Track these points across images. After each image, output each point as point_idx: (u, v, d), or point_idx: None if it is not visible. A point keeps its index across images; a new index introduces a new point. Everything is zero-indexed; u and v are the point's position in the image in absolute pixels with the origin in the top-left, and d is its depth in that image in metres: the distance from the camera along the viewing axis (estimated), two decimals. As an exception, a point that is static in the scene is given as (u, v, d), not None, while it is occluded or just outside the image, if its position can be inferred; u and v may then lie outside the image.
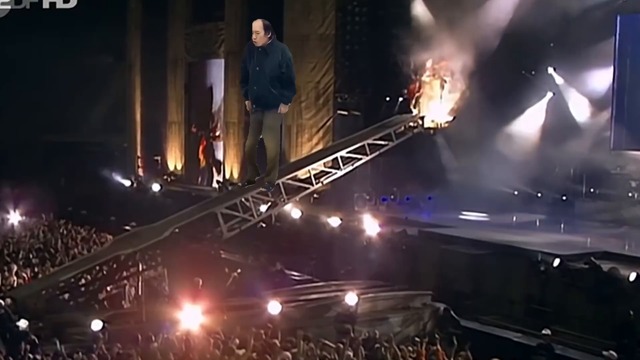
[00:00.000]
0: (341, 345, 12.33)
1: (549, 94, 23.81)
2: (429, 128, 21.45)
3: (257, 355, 11.85)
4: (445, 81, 21.79)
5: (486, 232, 19.34)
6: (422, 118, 21.20)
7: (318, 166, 18.95)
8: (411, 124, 21.00)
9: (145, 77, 31.28)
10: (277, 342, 12.50)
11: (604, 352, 12.85)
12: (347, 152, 19.10)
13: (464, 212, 22.29)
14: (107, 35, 31.69)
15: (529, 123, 23.71)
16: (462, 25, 21.60)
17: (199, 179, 29.58)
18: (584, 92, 22.78)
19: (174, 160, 30.16)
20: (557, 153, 22.58)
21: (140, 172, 31.07)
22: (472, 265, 17.66)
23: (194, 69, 30.23)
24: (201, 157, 29.87)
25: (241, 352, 12.06)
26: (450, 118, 21.54)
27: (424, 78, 21.89)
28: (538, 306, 16.22)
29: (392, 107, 23.28)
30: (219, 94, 29.28)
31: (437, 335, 12.94)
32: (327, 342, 12.64)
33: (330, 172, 19.07)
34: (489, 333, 15.24)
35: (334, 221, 20.31)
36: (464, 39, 21.52)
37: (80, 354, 12.06)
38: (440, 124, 21.44)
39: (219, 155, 28.93)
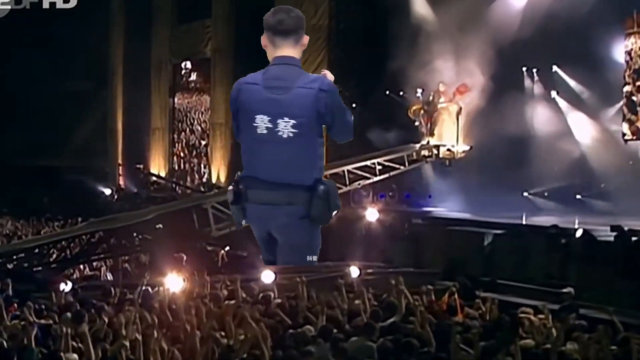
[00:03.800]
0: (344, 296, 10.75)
1: (554, 92, 22.55)
2: (445, 158, 19.82)
3: (250, 306, 10.19)
4: (462, 107, 20.10)
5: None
6: (437, 147, 19.54)
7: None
8: (425, 152, 19.37)
9: (127, 83, 29.97)
10: (271, 293, 10.89)
11: None
12: (355, 169, 17.40)
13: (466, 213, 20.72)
14: (89, 49, 30.24)
15: (534, 122, 22.37)
16: (466, 23, 20.35)
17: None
18: (593, 86, 21.47)
19: (158, 168, 28.67)
20: (565, 150, 21.27)
21: (121, 180, 29.51)
22: (483, 245, 16.15)
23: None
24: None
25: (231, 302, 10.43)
26: (467, 147, 19.87)
27: (440, 104, 20.18)
28: (559, 282, 14.60)
29: (394, 102, 21.91)
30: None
31: (454, 288, 11.40)
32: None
33: None
34: (508, 301, 13.59)
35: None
36: (469, 39, 20.22)
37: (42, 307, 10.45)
38: (457, 153, 19.78)
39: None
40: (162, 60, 28.92)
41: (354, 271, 13.98)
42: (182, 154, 28.85)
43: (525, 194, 21.86)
